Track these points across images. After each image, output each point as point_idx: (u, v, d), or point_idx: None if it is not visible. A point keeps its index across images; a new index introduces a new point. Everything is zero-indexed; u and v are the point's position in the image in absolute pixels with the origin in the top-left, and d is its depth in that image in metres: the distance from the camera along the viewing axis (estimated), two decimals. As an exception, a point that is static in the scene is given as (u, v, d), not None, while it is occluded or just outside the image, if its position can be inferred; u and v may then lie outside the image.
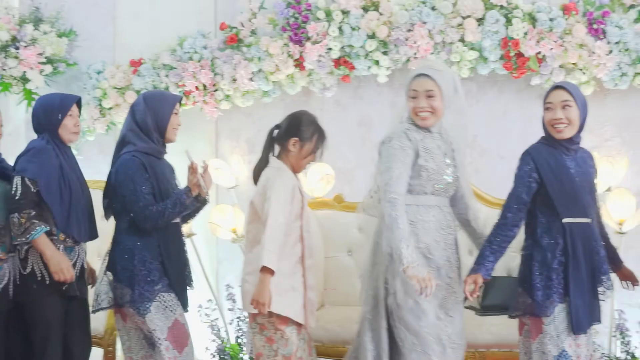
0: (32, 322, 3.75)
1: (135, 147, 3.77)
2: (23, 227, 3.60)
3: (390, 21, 4.95)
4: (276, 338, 3.62)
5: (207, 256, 5.46)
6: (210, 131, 5.59)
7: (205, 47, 5.32)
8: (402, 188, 3.47)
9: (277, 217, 3.57)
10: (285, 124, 3.78)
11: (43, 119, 3.88)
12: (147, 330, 3.73)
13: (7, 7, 5.55)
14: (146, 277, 3.69)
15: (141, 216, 3.67)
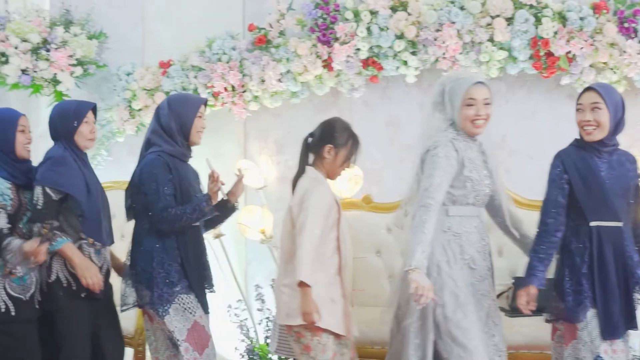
0: (60, 329, 3.77)
1: (160, 148, 3.80)
2: (45, 238, 3.63)
3: (419, 21, 4.93)
4: (313, 345, 3.60)
5: (236, 257, 5.48)
6: (238, 132, 5.60)
7: (234, 48, 5.33)
8: (440, 196, 3.46)
9: (313, 229, 3.55)
10: (319, 131, 3.76)
11: (59, 126, 3.90)
12: (168, 331, 3.76)
13: (38, 10, 5.61)
14: (165, 279, 3.71)
15: (159, 217, 3.70)
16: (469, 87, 3.55)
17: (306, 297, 3.48)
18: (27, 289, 3.70)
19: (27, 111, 5.62)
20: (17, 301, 3.64)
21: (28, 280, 3.71)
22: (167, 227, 3.71)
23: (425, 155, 3.56)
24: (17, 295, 3.65)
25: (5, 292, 3.62)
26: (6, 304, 3.62)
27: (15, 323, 3.64)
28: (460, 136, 3.58)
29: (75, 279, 3.74)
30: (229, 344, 5.33)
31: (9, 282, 3.64)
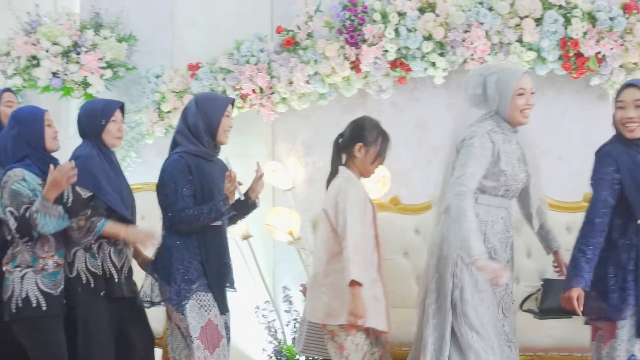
0: (80, 325, 3.82)
1: (184, 149, 3.82)
2: (84, 229, 3.68)
3: (447, 22, 4.91)
4: (347, 345, 3.61)
5: (263, 258, 5.49)
6: (266, 134, 5.62)
7: (262, 50, 5.34)
8: (472, 185, 3.45)
9: (356, 229, 3.58)
10: (349, 130, 3.78)
11: (87, 125, 3.94)
12: (184, 328, 3.79)
13: (68, 14, 5.66)
14: (184, 276, 3.75)
15: (177, 218, 3.74)
16: (520, 76, 3.54)
17: (356, 297, 3.49)
18: (58, 284, 3.75)
19: (58, 114, 5.74)
20: (48, 296, 3.70)
21: (59, 276, 3.76)
22: (185, 227, 3.75)
23: (461, 144, 3.55)
24: (48, 291, 3.70)
25: (37, 287, 3.68)
26: (37, 298, 3.67)
27: (45, 318, 3.70)
28: (499, 128, 3.57)
29: (94, 276, 3.79)
30: (257, 345, 5.35)
31: (40, 277, 3.70)
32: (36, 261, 3.70)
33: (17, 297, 3.67)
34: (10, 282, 3.70)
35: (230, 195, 3.77)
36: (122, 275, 3.88)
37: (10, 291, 3.69)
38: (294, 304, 5.20)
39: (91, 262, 3.79)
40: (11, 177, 3.66)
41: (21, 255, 3.70)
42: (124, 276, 3.90)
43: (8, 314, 3.69)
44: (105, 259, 3.82)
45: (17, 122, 3.79)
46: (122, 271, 3.88)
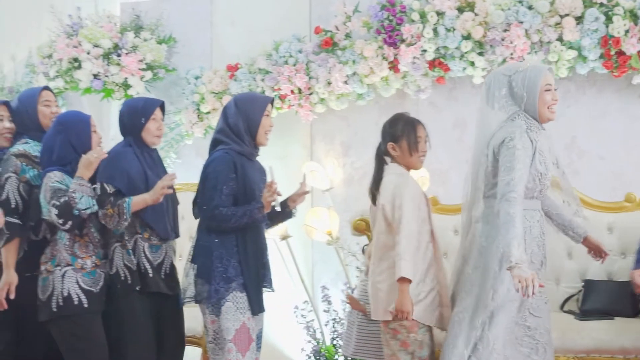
0: (117, 320, 3.86)
1: (229, 146, 3.82)
2: (116, 215, 3.71)
3: (486, 21, 4.88)
4: (410, 341, 3.60)
5: (302, 258, 5.50)
6: (305, 134, 5.63)
7: (301, 51, 5.36)
8: (522, 189, 3.40)
9: (410, 226, 3.57)
10: (381, 135, 3.79)
11: (127, 123, 3.98)
12: (214, 330, 3.79)
13: (109, 16, 5.73)
14: (222, 274, 3.75)
15: (209, 214, 3.74)
16: (545, 72, 3.54)
17: (403, 292, 3.50)
18: (97, 281, 3.79)
19: (99, 115, 5.81)
20: (89, 293, 3.74)
21: (97, 275, 3.80)
22: (215, 224, 3.75)
23: (501, 146, 3.47)
24: (88, 288, 3.75)
25: (78, 285, 3.72)
26: (79, 296, 3.71)
27: (87, 314, 3.74)
28: (533, 125, 3.54)
29: (132, 273, 3.83)
30: (295, 345, 5.37)
31: (80, 275, 3.74)
32: (75, 260, 3.75)
33: (58, 295, 3.70)
34: (49, 281, 3.73)
35: (267, 205, 3.75)
36: (160, 271, 3.90)
37: (50, 290, 3.72)
38: (333, 303, 5.21)
39: (127, 258, 3.83)
40: (51, 177, 3.71)
41: (60, 254, 3.75)
42: (164, 273, 3.92)
43: (48, 313, 3.72)
44: (140, 255, 3.85)
45: (64, 128, 3.82)
46: (161, 268, 3.91)
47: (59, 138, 3.80)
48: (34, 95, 4.08)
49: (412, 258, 3.53)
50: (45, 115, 4.06)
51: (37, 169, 3.92)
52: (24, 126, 4.07)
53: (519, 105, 3.55)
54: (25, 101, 4.08)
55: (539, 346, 3.54)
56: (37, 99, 4.06)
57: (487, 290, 3.49)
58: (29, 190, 3.91)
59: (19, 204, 3.87)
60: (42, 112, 4.06)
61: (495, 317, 3.46)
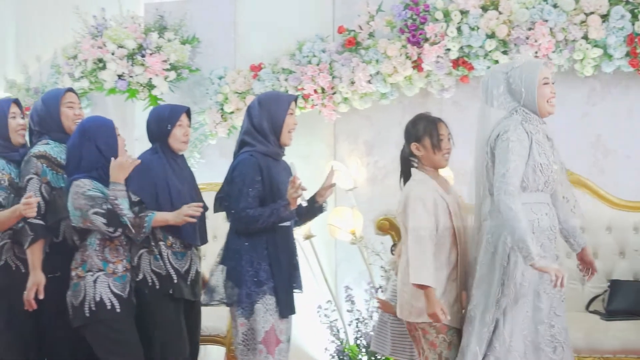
0: (151, 325, 3.88)
1: (254, 148, 3.82)
2: (135, 226, 3.73)
3: (510, 20, 4.86)
4: (438, 342, 3.61)
5: (325, 258, 5.50)
6: (328, 134, 5.63)
7: (324, 50, 5.36)
8: (517, 181, 3.41)
9: (417, 230, 3.56)
10: (404, 138, 3.78)
11: (154, 130, 4.01)
12: (244, 332, 3.80)
13: (133, 17, 5.75)
14: (253, 278, 3.75)
15: (236, 216, 3.75)
16: (541, 67, 3.56)
17: (427, 298, 3.48)
18: (126, 286, 3.81)
19: (123, 115, 5.84)
20: (120, 298, 3.76)
21: (127, 279, 3.82)
22: (243, 227, 3.76)
23: (496, 141, 3.51)
24: (119, 293, 3.76)
25: (110, 290, 3.74)
26: (111, 301, 3.73)
27: (120, 318, 3.75)
28: (530, 117, 3.55)
29: (159, 278, 3.85)
30: (319, 344, 5.36)
31: (112, 280, 3.75)
32: (107, 265, 3.76)
33: (91, 300, 3.71)
34: (81, 286, 3.74)
35: (292, 202, 3.75)
36: (186, 279, 3.91)
37: (82, 295, 3.73)
38: (356, 303, 5.20)
39: (155, 264, 3.85)
40: (81, 186, 3.70)
41: (91, 260, 3.76)
42: (190, 279, 3.94)
43: (82, 318, 3.74)
44: (165, 262, 3.87)
45: (91, 135, 3.81)
46: (188, 275, 3.92)
47: (86, 145, 3.79)
48: (58, 97, 4.08)
49: (425, 263, 3.50)
50: (68, 117, 4.07)
51: (57, 171, 3.95)
52: (46, 127, 4.07)
53: (518, 101, 3.57)
54: (49, 102, 4.08)
55: (557, 345, 3.52)
56: (61, 101, 4.06)
57: (495, 286, 3.49)
58: (50, 192, 3.93)
59: (42, 205, 3.88)
60: (65, 114, 4.06)
61: (508, 314, 3.46)
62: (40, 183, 3.90)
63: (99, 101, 5.99)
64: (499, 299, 3.46)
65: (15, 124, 4.15)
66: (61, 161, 3.97)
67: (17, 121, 4.15)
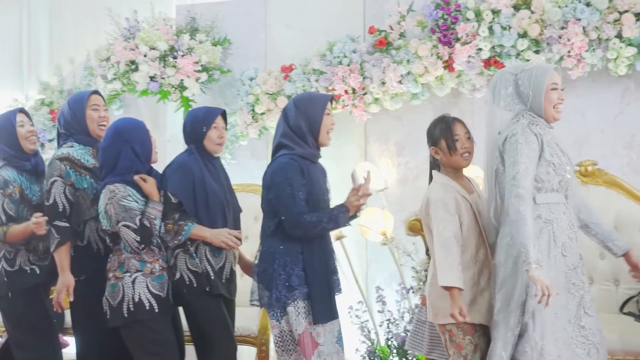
0: (196, 324, 3.95)
1: (292, 151, 3.78)
2: (173, 232, 3.80)
3: (543, 19, 4.81)
4: (464, 344, 3.61)
5: (356, 258, 5.50)
6: (359, 134, 5.63)
7: (355, 51, 5.35)
8: (528, 183, 3.41)
9: (442, 232, 3.56)
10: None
11: (190, 132, 4.04)
12: (275, 335, 3.80)
13: (165, 19, 5.78)
14: (285, 282, 3.71)
15: (294, 222, 3.68)
16: (551, 72, 3.54)
17: (452, 299, 3.47)
18: (164, 286, 3.85)
19: (155, 116, 5.89)
20: (158, 298, 3.80)
21: (164, 279, 3.87)
22: (302, 233, 3.70)
23: (504, 144, 3.51)
24: (157, 293, 3.81)
25: (148, 290, 3.78)
26: (149, 301, 3.77)
27: (158, 318, 3.80)
28: (536, 121, 3.55)
29: (196, 276, 3.88)
30: (350, 345, 5.35)
31: (150, 280, 3.80)
32: (144, 265, 3.80)
33: (129, 301, 3.75)
34: (119, 287, 3.78)
35: (352, 209, 3.74)
36: (221, 275, 3.95)
37: (120, 296, 3.77)
38: (387, 304, 5.19)
39: (191, 262, 3.88)
40: (117, 193, 3.74)
41: (128, 262, 3.80)
42: (225, 277, 3.97)
43: (120, 319, 3.78)
44: (202, 259, 3.90)
45: (126, 137, 3.84)
46: (223, 272, 3.95)
47: (122, 148, 3.82)
48: (83, 100, 4.11)
49: (452, 264, 3.50)
50: (92, 120, 4.10)
51: (80, 172, 4.00)
52: (71, 129, 4.12)
53: (525, 104, 3.57)
54: (74, 105, 4.12)
55: (591, 347, 3.49)
56: (86, 103, 4.09)
57: (519, 289, 3.46)
58: (74, 194, 3.97)
59: (66, 207, 3.94)
60: (90, 117, 4.09)
61: (537, 316, 3.43)
62: (64, 185, 3.95)
63: (131, 103, 6.04)
64: (525, 301, 3.44)
65: (25, 132, 4.26)
66: (85, 163, 4.03)
67: (26, 128, 4.25)
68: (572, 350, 3.45)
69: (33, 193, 4.25)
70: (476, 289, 3.63)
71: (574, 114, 4.92)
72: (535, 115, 3.55)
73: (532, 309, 3.42)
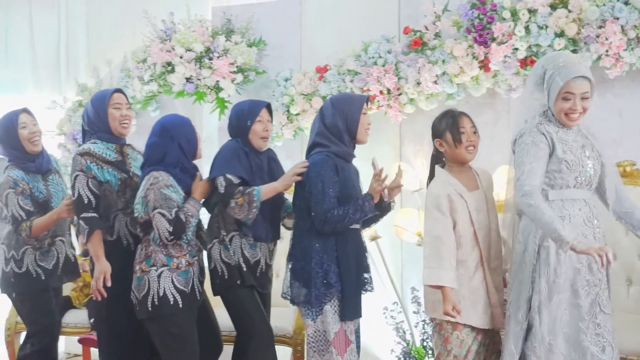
0: (231, 313, 3.99)
1: (328, 149, 3.81)
2: (245, 204, 3.80)
3: (580, 18, 4.77)
4: (451, 339, 3.68)
5: (392, 259, 5.49)
6: (394, 135, 5.62)
7: (390, 51, 5.35)
8: (534, 181, 3.41)
9: (430, 231, 3.65)
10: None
11: (235, 126, 4.07)
12: (310, 334, 3.80)
13: (201, 20, 5.82)
14: (322, 280, 3.73)
15: (322, 218, 3.70)
16: (568, 80, 3.44)
17: (444, 297, 3.56)
18: (189, 281, 3.88)
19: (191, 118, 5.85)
20: (182, 293, 3.83)
21: (189, 274, 3.89)
22: (330, 228, 3.71)
23: (514, 146, 3.55)
24: (182, 288, 3.83)
25: (173, 285, 3.81)
26: (174, 296, 3.80)
27: (182, 314, 3.83)
28: (547, 120, 3.54)
29: (228, 268, 3.91)
30: (385, 346, 5.36)
31: (175, 275, 3.83)
32: (170, 260, 3.84)
33: (154, 295, 3.80)
34: (144, 280, 3.83)
35: (376, 195, 3.76)
36: (256, 270, 3.97)
37: (145, 289, 3.82)
38: (422, 305, 5.16)
39: (225, 254, 3.92)
40: (159, 180, 3.78)
41: (155, 255, 3.84)
42: (260, 271, 3.99)
43: (145, 312, 3.83)
44: (237, 251, 3.93)
45: (174, 133, 3.89)
46: (257, 267, 3.98)
47: (169, 144, 3.88)
48: (105, 98, 4.15)
49: (439, 263, 3.57)
50: (114, 118, 4.14)
51: (101, 165, 4.04)
52: (94, 127, 4.17)
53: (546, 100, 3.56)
54: (96, 103, 4.16)
55: (606, 344, 3.47)
56: (108, 102, 4.13)
57: (525, 284, 3.50)
58: (98, 186, 4.03)
59: (91, 199, 4.00)
60: (112, 115, 4.13)
61: (543, 312, 3.44)
62: (86, 178, 4.01)
63: (167, 104, 6.09)
64: (530, 296, 3.46)
65: (27, 133, 4.38)
66: (106, 157, 4.09)
67: (28, 130, 4.35)
68: (585, 347, 3.44)
69: (39, 191, 4.43)
70: (467, 288, 3.67)
71: (611, 114, 4.87)
72: (551, 115, 3.55)
73: (538, 304, 3.45)
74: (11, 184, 4.32)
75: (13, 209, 4.30)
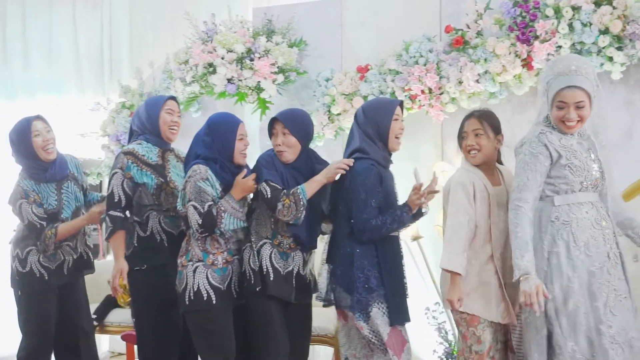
0: (252, 319, 3.93)
1: (369, 156, 3.82)
2: (292, 204, 3.79)
3: (625, 15, 4.71)
4: (469, 335, 3.71)
5: (433, 259, 5.45)
6: (436, 134, 5.59)
7: (431, 50, 5.32)
8: (528, 195, 3.45)
9: (455, 215, 3.69)
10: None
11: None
12: (363, 337, 3.80)
13: (242, 21, 5.85)
14: (364, 284, 3.73)
15: (360, 227, 3.73)
16: (561, 89, 3.45)
17: (452, 283, 3.62)
18: (225, 279, 3.89)
19: (233, 119, 5.92)
20: (217, 290, 3.84)
21: (227, 271, 3.90)
22: (367, 237, 3.74)
23: (515, 153, 3.58)
24: (217, 285, 3.85)
25: (207, 281, 3.83)
26: (208, 292, 3.82)
27: (216, 310, 3.83)
28: (550, 128, 3.53)
29: (254, 273, 3.87)
30: (428, 346, 5.33)
31: (211, 272, 3.85)
32: (206, 256, 3.87)
33: (190, 289, 3.83)
34: (184, 275, 3.87)
35: (413, 207, 3.76)
36: (289, 279, 3.91)
37: (184, 283, 3.86)
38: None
39: (252, 260, 3.90)
40: (197, 172, 3.82)
41: (193, 250, 3.88)
42: (295, 282, 3.93)
43: (183, 305, 3.87)
44: (264, 258, 3.89)
45: (211, 131, 3.93)
46: (291, 276, 3.92)
47: (206, 141, 3.92)
48: (159, 102, 4.26)
49: (459, 249, 3.62)
50: (165, 122, 4.24)
51: (142, 168, 4.10)
52: (143, 128, 4.26)
53: None
54: (150, 106, 4.26)
55: (617, 347, 3.44)
56: (162, 106, 4.23)
57: None
58: (132, 187, 4.10)
59: (122, 198, 4.08)
60: (163, 119, 4.23)
61: (561, 316, 3.43)
62: (123, 177, 4.09)
63: (209, 105, 6.12)
64: (546, 303, 3.43)
65: (40, 141, 4.46)
66: (147, 159, 4.15)
67: (42, 138, 4.42)
68: (607, 350, 3.41)
69: (49, 203, 4.52)
70: (477, 280, 3.69)
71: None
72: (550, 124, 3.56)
73: (555, 311, 3.44)
74: (22, 194, 4.45)
75: (29, 217, 4.43)
